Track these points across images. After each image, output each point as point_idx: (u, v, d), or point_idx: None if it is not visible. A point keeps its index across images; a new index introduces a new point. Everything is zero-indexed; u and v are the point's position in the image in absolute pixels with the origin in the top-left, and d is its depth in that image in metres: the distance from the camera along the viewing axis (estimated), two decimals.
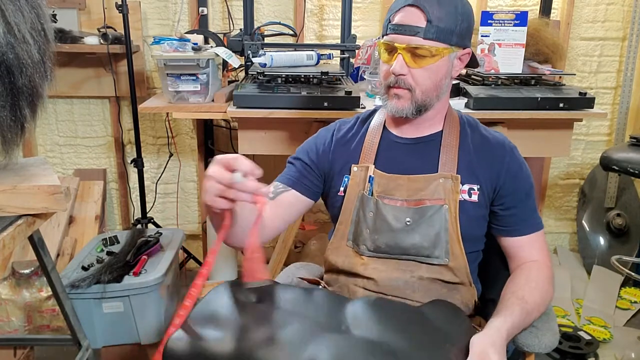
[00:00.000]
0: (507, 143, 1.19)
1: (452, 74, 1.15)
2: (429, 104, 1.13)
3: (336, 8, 2.52)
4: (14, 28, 0.97)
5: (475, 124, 1.22)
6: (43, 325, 1.94)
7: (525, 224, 1.16)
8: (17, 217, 1.06)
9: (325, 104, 1.80)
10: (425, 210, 1.12)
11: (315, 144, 1.26)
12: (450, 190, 1.12)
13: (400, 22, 1.08)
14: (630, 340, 2.19)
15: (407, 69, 1.09)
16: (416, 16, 1.07)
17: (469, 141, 1.17)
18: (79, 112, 2.62)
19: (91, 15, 2.43)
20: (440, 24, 1.06)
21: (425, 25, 1.06)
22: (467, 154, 1.16)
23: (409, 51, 1.08)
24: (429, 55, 1.07)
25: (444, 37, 1.07)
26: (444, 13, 1.06)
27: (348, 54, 2.14)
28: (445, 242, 1.11)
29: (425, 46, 1.06)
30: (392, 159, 1.18)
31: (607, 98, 2.75)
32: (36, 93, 1.05)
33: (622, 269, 2.27)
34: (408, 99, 1.12)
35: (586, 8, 2.62)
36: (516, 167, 1.16)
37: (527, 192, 1.16)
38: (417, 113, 1.14)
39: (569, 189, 2.89)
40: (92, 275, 1.75)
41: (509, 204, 1.15)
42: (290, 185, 1.21)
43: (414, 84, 1.10)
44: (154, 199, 2.71)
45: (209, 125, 2.58)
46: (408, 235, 1.12)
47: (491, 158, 1.15)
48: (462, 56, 1.15)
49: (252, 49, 2.04)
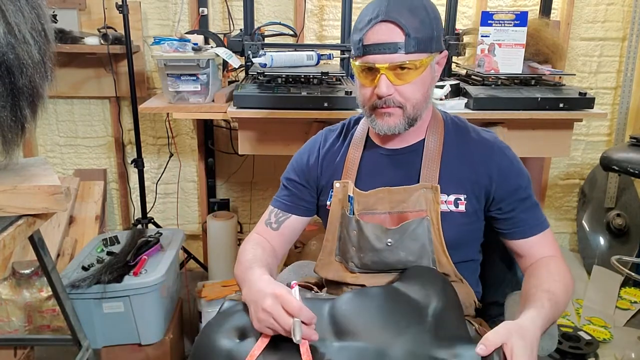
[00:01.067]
0: (496, 143, 1.13)
1: (435, 79, 1.11)
2: (420, 115, 1.10)
3: (336, 8, 2.52)
4: (14, 28, 0.97)
5: (464, 127, 1.17)
6: (43, 325, 1.94)
7: (529, 225, 1.11)
8: (17, 217, 1.06)
9: (325, 104, 1.80)
10: (407, 227, 1.10)
11: (304, 159, 1.24)
12: (432, 201, 1.08)
13: (376, 41, 1.02)
14: (631, 341, 2.19)
15: (392, 87, 1.04)
16: (393, 32, 1.01)
17: (454, 148, 1.13)
18: (79, 113, 2.62)
19: (91, 16, 2.43)
20: (418, 34, 1.01)
21: (405, 40, 1.01)
22: (452, 162, 1.11)
23: (392, 70, 1.03)
24: (413, 68, 1.03)
25: (424, 46, 1.03)
26: (419, 22, 1.01)
27: (348, 54, 2.15)
28: (431, 252, 1.09)
29: (409, 61, 1.02)
30: (373, 171, 1.16)
31: (607, 98, 2.75)
32: (36, 93, 1.05)
33: (622, 269, 2.27)
34: (400, 116, 1.07)
35: (586, 8, 2.62)
36: (506, 167, 1.11)
37: (524, 191, 1.11)
38: (409, 126, 1.10)
39: (569, 189, 2.89)
40: (92, 275, 1.75)
41: (507, 207, 1.11)
42: (288, 211, 1.24)
43: (403, 101, 1.06)
44: (154, 199, 2.71)
45: (209, 125, 2.58)
46: (392, 254, 1.11)
47: (478, 163, 1.11)
48: (441, 59, 1.11)
49: (252, 49, 2.04)
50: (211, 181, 2.68)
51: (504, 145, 1.15)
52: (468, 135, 1.15)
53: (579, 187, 2.88)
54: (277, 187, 1.29)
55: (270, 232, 1.23)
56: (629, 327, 2.31)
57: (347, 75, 2.12)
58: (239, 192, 2.77)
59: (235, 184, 2.75)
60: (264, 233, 1.24)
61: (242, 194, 2.77)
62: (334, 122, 1.87)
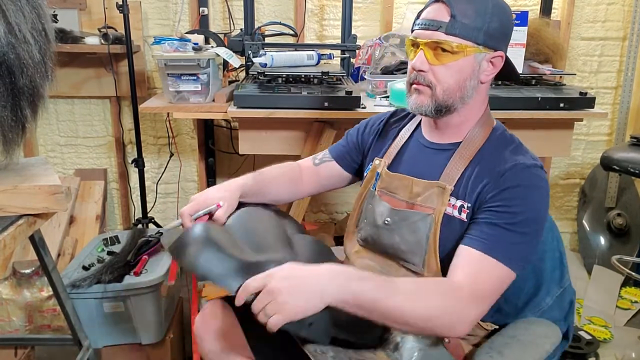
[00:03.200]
0: (519, 163, 1.03)
1: (480, 77, 1.07)
2: (451, 105, 1.07)
3: (337, 8, 2.52)
4: (14, 28, 0.97)
5: (506, 144, 1.09)
6: (44, 325, 1.94)
7: (479, 237, 1.00)
8: (18, 217, 1.06)
9: (325, 104, 1.80)
10: (408, 215, 1.11)
11: (367, 124, 1.33)
12: (441, 201, 1.08)
13: (425, 17, 1.06)
14: (631, 340, 2.19)
15: (427, 65, 1.05)
16: (441, 11, 1.03)
17: (485, 159, 1.08)
18: (79, 112, 2.62)
19: (92, 16, 2.43)
20: (464, 19, 1.02)
21: (449, 20, 1.02)
22: (474, 171, 1.07)
23: (430, 47, 1.04)
24: (450, 51, 1.03)
25: (468, 33, 1.02)
26: (471, 9, 1.02)
27: (348, 54, 2.15)
28: (425, 250, 1.08)
29: (447, 41, 1.02)
30: (408, 159, 1.19)
31: (607, 98, 2.75)
32: (37, 93, 1.05)
33: (622, 269, 2.27)
34: (428, 96, 1.07)
35: (587, 8, 2.62)
36: (512, 183, 1.01)
37: (510, 216, 0.99)
38: (437, 112, 1.08)
39: (569, 189, 2.89)
40: (92, 275, 1.75)
41: (479, 213, 1.03)
42: (334, 157, 1.34)
43: (434, 81, 1.06)
44: (155, 199, 2.71)
45: (209, 125, 2.58)
46: (388, 234, 1.14)
47: (489, 174, 1.05)
48: (493, 59, 1.07)
49: (252, 49, 2.04)
50: (212, 181, 2.68)
51: (529, 166, 1.03)
52: (504, 154, 1.07)
53: (580, 186, 2.87)
54: None
55: (309, 165, 1.36)
56: (629, 327, 2.31)
57: (348, 75, 2.12)
58: None
59: None
60: (303, 163, 1.37)
61: None
62: (334, 121, 1.88)
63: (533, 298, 1.17)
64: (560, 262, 1.20)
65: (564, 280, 1.20)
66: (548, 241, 1.19)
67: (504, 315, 1.17)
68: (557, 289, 1.18)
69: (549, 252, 1.18)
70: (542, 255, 1.17)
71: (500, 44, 1.07)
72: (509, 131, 1.15)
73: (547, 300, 1.17)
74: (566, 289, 1.20)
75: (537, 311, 1.17)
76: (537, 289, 1.17)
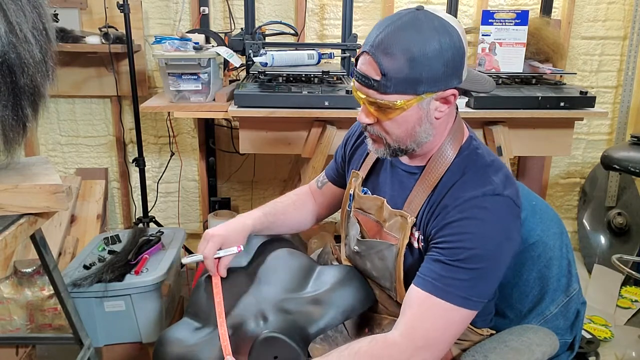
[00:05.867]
0: (467, 195, 0.95)
1: (432, 117, 0.98)
2: (407, 149, 1.02)
3: (337, 7, 2.52)
4: (15, 28, 0.98)
5: (468, 167, 1.01)
6: (45, 324, 1.94)
7: (426, 276, 0.95)
8: (19, 216, 1.06)
9: (326, 103, 1.80)
10: (373, 245, 1.10)
11: (347, 138, 1.31)
12: (404, 233, 1.03)
13: (359, 69, 0.96)
14: (631, 339, 2.19)
15: (372, 118, 0.99)
16: (371, 67, 0.93)
17: (439, 190, 1.01)
18: (80, 112, 2.63)
19: (92, 15, 2.44)
20: (398, 74, 0.91)
21: (380, 79, 0.92)
22: (431, 202, 1.01)
23: (370, 103, 0.97)
24: (390, 108, 0.94)
25: (404, 88, 0.92)
26: (402, 60, 0.90)
27: (349, 53, 2.15)
28: (393, 280, 1.07)
29: (382, 102, 0.94)
30: (380, 177, 1.15)
31: (607, 97, 2.74)
32: (38, 92, 1.06)
33: (622, 268, 2.27)
34: (382, 144, 1.03)
35: (587, 7, 2.62)
36: (454, 217, 0.95)
37: (454, 253, 0.93)
38: (396, 155, 1.04)
39: (569, 188, 2.89)
40: (93, 274, 1.75)
41: (429, 249, 0.99)
42: (329, 179, 1.36)
43: (383, 133, 1.00)
44: (156, 198, 2.71)
45: (210, 124, 2.59)
46: (360, 260, 1.16)
47: (438, 207, 0.99)
48: (444, 97, 0.96)
49: (253, 48, 2.05)
50: (212, 180, 2.69)
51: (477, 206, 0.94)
52: (462, 177, 1.00)
53: (580, 186, 2.87)
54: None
55: (315, 188, 1.39)
56: (629, 326, 2.31)
57: (348, 74, 2.12)
58: (240, 191, 2.77)
59: (236, 183, 2.76)
60: (312, 185, 1.41)
61: (243, 192, 2.77)
62: (334, 121, 1.89)
63: (537, 305, 1.16)
64: (567, 271, 1.16)
65: (571, 289, 1.16)
66: (556, 248, 1.16)
67: (507, 321, 1.17)
68: (562, 297, 1.16)
69: (555, 260, 1.15)
70: (548, 263, 1.15)
71: (450, 81, 0.94)
72: (482, 145, 1.07)
73: (551, 309, 1.15)
74: (573, 298, 1.16)
75: (541, 319, 1.15)
76: (541, 297, 1.15)
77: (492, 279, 0.96)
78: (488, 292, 0.97)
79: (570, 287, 1.17)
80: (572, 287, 1.17)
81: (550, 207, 1.24)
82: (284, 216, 1.32)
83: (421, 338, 0.93)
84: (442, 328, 0.93)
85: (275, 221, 1.29)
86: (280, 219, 1.31)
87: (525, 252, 1.14)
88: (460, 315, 0.94)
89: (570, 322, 1.17)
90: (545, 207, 1.22)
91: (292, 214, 1.33)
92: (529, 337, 1.11)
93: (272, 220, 1.28)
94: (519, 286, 1.16)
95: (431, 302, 0.93)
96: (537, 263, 1.15)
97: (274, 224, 1.29)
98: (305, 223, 1.37)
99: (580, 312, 1.18)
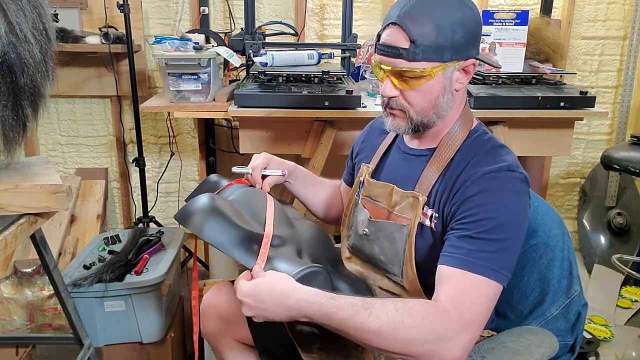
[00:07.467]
0: (481, 169, 0.99)
1: (453, 88, 1.04)
2: (428, 123, 1.06)
3: (337, 7, 2.52)
4: (15, 28, 0.98)
5: (479, 148, 1.05)
6: (45, 324, 1.95)
7: (454, 253, 0.95)
8: (19, 216, 1.06)
9: (326, 103, 1.80)
10: (383, 226, 1.11)
11: (356, 142, 1.36)
12: (415, 212, 1.06)
13: (385, 41, 1.01)
14: (631, 339, 2.19)
15: (396, 90, 1.03)
16: (399, 36, 0.98)
17: (453, 169, 1.05)
18: (80, 112, 2.63)
19: (92, 15, 2.44)
20: (425, 41, 0.96)
21: (409, 46, 0.97)
22: (443, 180, 1.05)
23: (395, 74, 1.01)
24: (417, 76, 0.99)
25: (432, 55, 0.97)
26: (430, 28, 0.95)
27: (349, 53, 2.15)
28: (402, 261, 1.08)
29: (410, 69, 0.98)
30: (390, 165, 1.19)
31: (608, 97, 2.75)
32: (38, 92, 1.06)
33: (622, 268, 2.27)
34: (404, 118, 1.06)
35: (587, 7, 2.62)
36: (474, 191, 0.98)
37: (479, 225, 0.95)
38: (416, 132, 1.07)
39: (569, 188, 2.89)
40: (93, 274, 1.75)
41: (451, 227, 1.00)
42: (345, 182, 1.42)
43: (406, 105, 1.04)
44: (156, 198, 2.71)
45: (210, 124, 2.58)
46: (368, 244, 1.16)
47: (454, 185, 1.02)
48: (464, 67, 1.03)
49: (253, 48, 2.05)
50: None
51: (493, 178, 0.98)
52: (474, 157, 1.04)
53: (580, 186, 2.88)
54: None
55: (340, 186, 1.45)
56: (629, 326, 2.31)
57: (348, 74, 2.12)
58: None
59: None
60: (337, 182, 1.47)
61: None
62: (335, 121, 1.89)
63: (538, 307, 1.16)
64: (569, 272, 1.17)
65: (572, 290, 1.17)
66: (557, 249, 1.16)
67: (508, 322, 1.17)
68: (563, 299, 1.16)
69: (557, 261, 1.16)
70: (549, 264, 1.15)
71: (470, 51, 1.01)
72: (489, 132, 1.11)
73: (552, 310, 1.15)
74: (574, 300, 1.17)
75: (542, 320, 1.16)
76: (542, 298, 1.15)
77: (513, 251, 0.96)
78: (511, 265, 0.96)
79: (572, 289, 1.17)
80: (573, 288, 1.17)
81: (552, 208, 1.23)
82: (316, 188, 1.39)
83: (467, 314, 0.90)
84: (482, 305, 0.92)
85: (305, 181, 1.36)
86: (310, 180, 1.38)
87: (526, 253, 1.15)
88: (494, 289, 0.93)
89: (571, 324, 1.17)
90: (547, 208, 1.22)
91: (319, 186, 1.40)
92: (528, 338, 1.11)
93: (303, 177, 1.35)
94: (520, 287, 1.17)
95: (468, 278, 0.92)
96: (538, 264, 1.15)
97: (305, 183, 1.36)
98: (326, 203, 1.41)
99: (582, 313, 1.19)
